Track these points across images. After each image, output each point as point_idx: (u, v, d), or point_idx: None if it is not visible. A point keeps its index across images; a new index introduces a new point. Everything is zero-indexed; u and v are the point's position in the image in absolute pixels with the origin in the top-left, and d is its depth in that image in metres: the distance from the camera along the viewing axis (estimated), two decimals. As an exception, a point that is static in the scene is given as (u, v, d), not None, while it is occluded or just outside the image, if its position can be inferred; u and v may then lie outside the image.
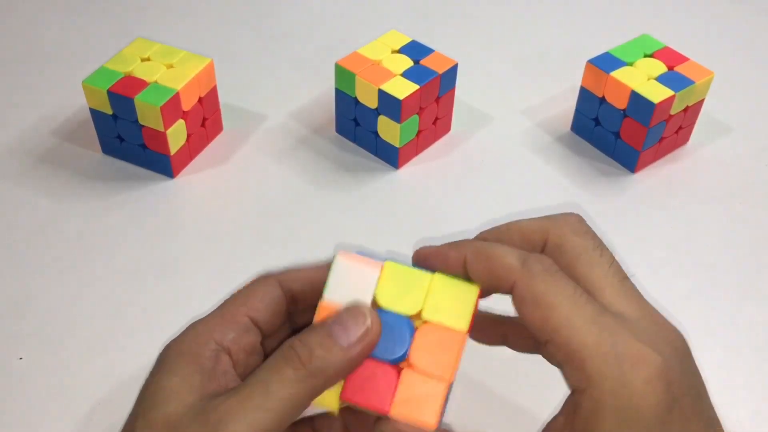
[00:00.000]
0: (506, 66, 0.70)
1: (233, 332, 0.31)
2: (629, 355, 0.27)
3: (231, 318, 0.31)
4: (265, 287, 0.33)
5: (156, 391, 0.29)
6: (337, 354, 0.29)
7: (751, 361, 0.48)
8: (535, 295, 0.29)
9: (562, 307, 0.28)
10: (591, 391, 0.27)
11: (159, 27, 0.73)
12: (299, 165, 0.59)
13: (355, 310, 0.30)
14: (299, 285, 0.33)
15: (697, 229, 0.55)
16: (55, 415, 0.43)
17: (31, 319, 0.48)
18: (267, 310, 0.32)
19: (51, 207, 0.55)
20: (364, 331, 0.29)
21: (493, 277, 0.30)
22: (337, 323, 0.29)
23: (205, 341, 0.30)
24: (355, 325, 0.29)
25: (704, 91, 0.58)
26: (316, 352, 0.29)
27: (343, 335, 0.29)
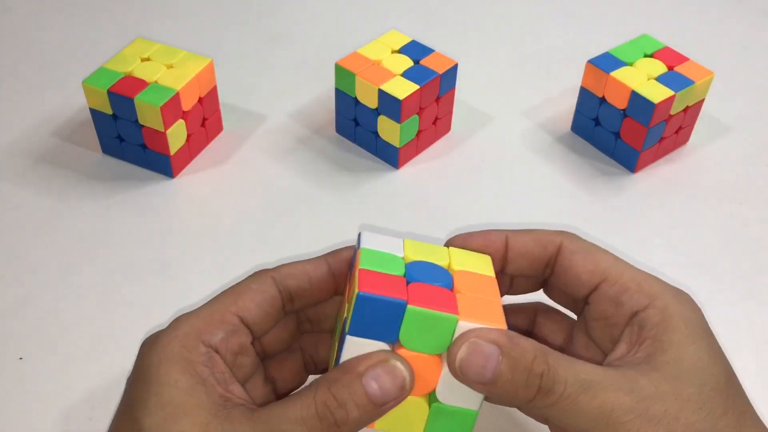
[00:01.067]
0: (506, 66, 0.70)
1: (221, 333, 0.30)
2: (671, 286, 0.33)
3: (219, 317, 0.31)
4: (258, 285, 0.32)
5: (160, 406, 0.28)
6: (371, 413, 0.28)
7: (751, 361, 0.48)
8: (584, 247, 0.33)
9: (609, 256, 0.33)
10: (656, 302, 0.31)
11: (159, 27, 0.73)
12: (299, 165, 0.59)
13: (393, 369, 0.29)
14: (296, 281, 0.33)
15: (696, 229, 0.55)
16: (55, 415, 0.43)
17: (31, 319, 0.48)
18: (259, 310, 0.32)
19: (51, 207, 0.55)
20: (401, 391, 0.29)
21: (538, 243, 0.33)
22: (374, 380, 0.28)
23: (194, 345, 0.30)
24: (393, 386, 0.28)
25: (704, 91, 0.58)
26: (352, 414, 0.28)
27: (379, 395, 0.28)
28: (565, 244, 0.33)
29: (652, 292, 0.31)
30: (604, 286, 0.32)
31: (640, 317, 0.31)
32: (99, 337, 0.47)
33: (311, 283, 0.33)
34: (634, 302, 0.31)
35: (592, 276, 0.32)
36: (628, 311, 0.31)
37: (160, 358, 0.29)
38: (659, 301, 0.31)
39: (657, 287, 0.32)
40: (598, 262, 0.32)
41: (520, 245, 0.33)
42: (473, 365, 0.28)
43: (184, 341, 0.30)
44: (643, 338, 0.30)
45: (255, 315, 0.31)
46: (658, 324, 0.30)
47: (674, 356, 0.29)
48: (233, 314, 0.31)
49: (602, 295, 0.32)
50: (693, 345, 0.30)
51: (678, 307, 0.31)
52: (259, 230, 0.54)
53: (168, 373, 0.29)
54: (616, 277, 0.32)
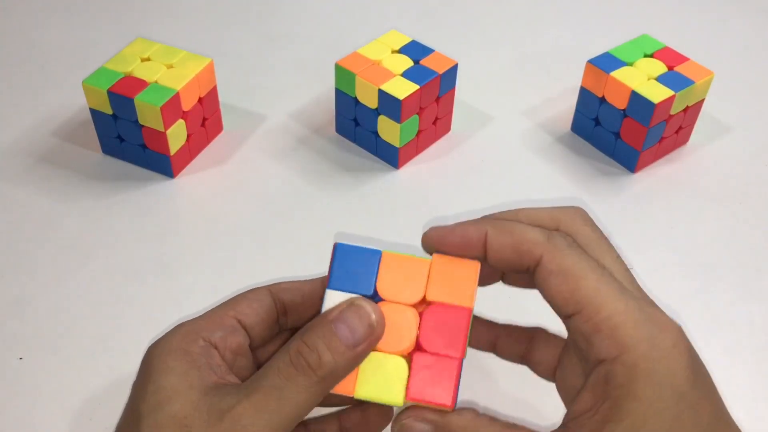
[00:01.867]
0: (506, 66, 0.70)
1: (220, 331, 0.31)
2: (656, 321, 0.28)
3: (218, 319, 0.32)
4: (254, 295, 0.33)
5: (155, 391, 0.29)
6: (344, 355, 0.29)
7: (751, 361, 0.48)
8: (562, 267, 0.29)
9: (590, 278, 0.29)
10: (624, 356, 0.28)
11: (159, 27, 0.73)
12: (299, 165, 0.59)
13: (358, 308, 0.30)
14: (290, 295, 0.33)
15: (696, 229, 0.55)
16: (55, 415, 0.43)
17: (31, 319, 0.48)
18: (255, 315, 0.32)
19: (51, 207, 0.55)
20: (369, 328, 0.29)
21: (517, 251, 0.30)
22: (342, 322, 0.29)
23: (193, 339, 0.31)
24: (360, 324, 0.29)
25: (704, 91, 0.58)
26: (324, 357, 0.29)
27: (349, 336, 0.29)
28: (545, 260, 0.29)
29: (624, 343, 0.28)
30: (578, 318, 0.29)
31: (606, 369, 0.28)
32: (99, 337, 0.47)
33: (303, 298, 0.33)
34: (603, 349, 0.28)
35: (566, 304, 0.29)
36: (596, 356, 0.28)
37: (159, 351, 0.30)
38: (628, 356, 0.27)
39: (631, 334, 0.28)
40: (575, 290, 0.29)
41: (496, 248, 0.30)
42: None
43: (183, 336, 0.31)
44: (606, 395, 0.28)
45: (252, 320, 0.32)
46: (622, 385, 0.27)
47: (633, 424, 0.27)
48: (231, 317, 0.32)
49: (575, 327, 0.29)
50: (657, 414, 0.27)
51: (649, 364, 0.27)
52: (259, 230, 0.54)
53: (165, 361, 0.30)
54: (591, 313, 0.28)
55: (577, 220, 0.31)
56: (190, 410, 0.28)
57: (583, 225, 0.31)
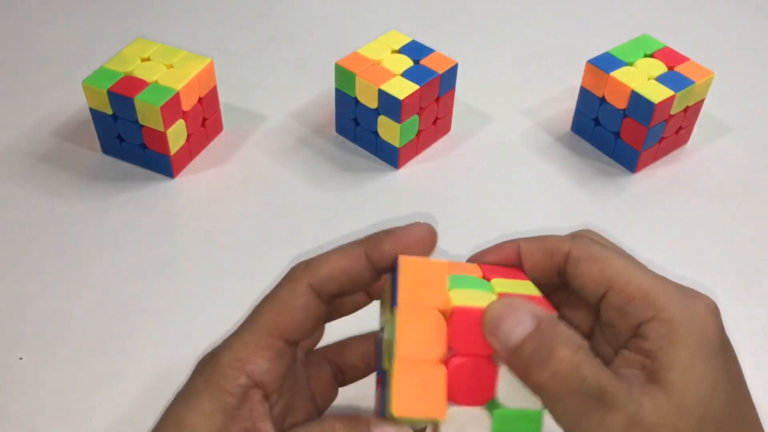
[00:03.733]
0: (506, 66, 0.70)
1: (267, 362, 0.30)
2: (686, 291, 0.31)
3: (265, 345, 0.30)
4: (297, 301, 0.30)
5: (176, 423, 0.29)
6: None
7: (751, 361, 0.48)
8: (590, 253, 0.31)
9: (618, 261, 0.31)
10: (661, 314, 0.29)
11: (159, 27, 0.73)
12: (299, 165, 0.59)
13: (397, 425, 0.29)
14: (337, 285, 0.31)
15: (696, 229, 0.55)
16: (55, 415, 0.43)
17: (31, 319, 0.48)
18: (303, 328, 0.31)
19: (51, 207, 0.55)
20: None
21: (548, 252, 0.32)
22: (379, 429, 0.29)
23: (236, 374, 0.29)
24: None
25: (704, 91, 0.58)
26: None
27: None
28: (573, 251, 0.32)
29: (659, 302, 0.29)
30: (611, 294, 0.30)
31: (644, 329, 0.29)
32: (99, 337, 0.47)
33: (353, 282, 0.31)
34: (639, 312, 0.30)
35: (597, 285, 0.31)
36: (633, 322, 0.30)
37: (199, 385, 0.30)
38: (665, 313, 0.29)
39: (665, 296, 0.30)
40: (604, 269, 0.31)
41: (530, 256, 0.32)
42: (503, 326, 0.28)
43: (225, 370, 0.30)
44: (649, 351, 0.29)
45: (300, 334, 0.31)
46: (662, 337, 0.29)
47: (678, 378, 0.28)
48: (277, 338, 0.30)
49: (609, 304, 0.31)
50: (698, 365, 0.29)
51: (686, 320, 0.29)
52: (259, 230, 0.54)
53: (197, 397, 0.29)
54: (622, 286, 0.30)
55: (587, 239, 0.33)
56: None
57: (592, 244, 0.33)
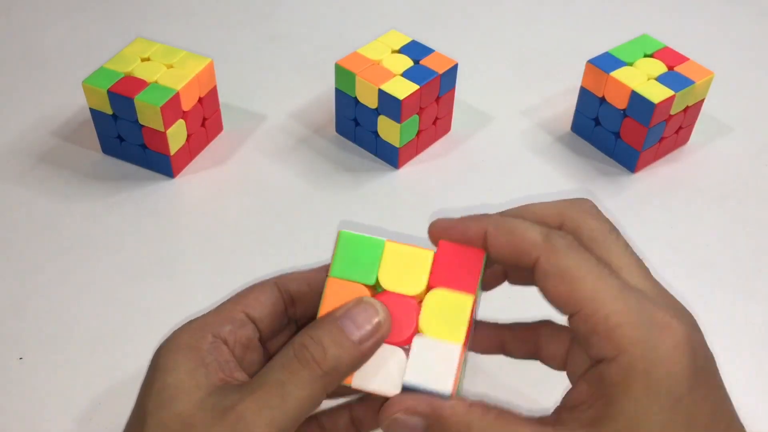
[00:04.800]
0: (506, 66, 0.70)
1: (229, 325, 0.31)
2: (657, 322, 0.28)
3: (227, 314, 0.32)
4: (261, 287, 0.33)
5: (162, 389, 0.29)
6: (350, 350, 0.29)
7: (751, 361, 0.48)
8: (560, 269, 0.28)
9: (588, 279, 0.28)
10: (621, 358, 0.27)
11: (159, 27, 0.73)
12: (299, 165, 0.59)
13: (365, 303, 0.30)
14: (296, 285, 0.33)
15: (696, 229, 0.55)
16: (55, 415, 0.43)
17: (31, 319, 0.48)
18: (263, 307, 0.32)
19: (51, 207, 0.55)
20: (376, 325, 0.29)
21: (515, 251, 0.30)
22: (348, 318, 0.29)
23: (202, 335, 0.31)
24: (366, 320, 0.29)
25: (704, 91, 0.58)
26: (329, 351, 0.29)
27: (354, 331, 0.29)
28: (542, 261, 0.29)
29: (621, 343, 0.27)
30: (577, 319, 0.28)
31: (602, 368, 0.28)
32: (99, 337, 0.47)
33: (310, 287, 0.33)
34: (600, 349, 0.28)
35: (564, 305, 0.29)
36: (594, 354, 0.28)
37: (167, 349, 0.30)
38: (625, 357, 0.27)
39: (629, 335, 0.27)
40: (573, 291, 0.28)
41: (496, 246, 0.30)
42: None
43: (191, 332, 0.31)
44: (601, 392, 0.28)
45: (260, 312, 0.32)
46: (617, 384, 0.27)
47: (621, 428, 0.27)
48: (240, 311, 0.32)
49: (575, 326, 0.29)
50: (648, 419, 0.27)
51: (646, 365, 0.27)
52: (259, 230, 0.54)
53: (173, 359, 0.30)
54: (589, 314, 0.28)
55: (583, 214, 0.31)
56: (195, 409, 0.28)
57: (589, 218, 0.31)
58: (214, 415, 0.28)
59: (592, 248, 0.30)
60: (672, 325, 0.28)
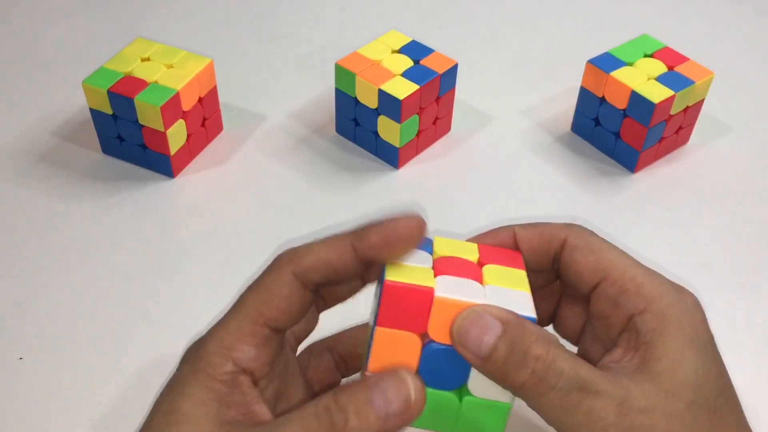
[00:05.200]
0: (506, 66, 0.70)
1: (253, 349, 0.30)
2: (675, 286, 0.32)
3: (250, 332, 0.30)
4: (279, 287, 0.30)
5: (171, 411, 0.28)
6: (373, 425, 0.27)
7: (751, 361, 0.48)
8: (587, 243, 0.32)
9: (613, 252, 0.32)
10: (652, 307, 0.30)
11: (159, 27, 0.73)
12: (299, 165, 0.59)
13: (399, 380, 0.28)
14: (321, 275, 0.30)
15: (696, 229, 0.55)
16: (55, 416, 0.43)
17: (31, 319, 0.48)
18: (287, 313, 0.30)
19: (51, 207, 0.55)
20: (405, 404, 0.27)
21: (544, 238, 0.33)
22: (378, 390, 0.27)
23: (223, 362, 0.29)
24: (397, 398, 0.27)
25: (704, 91, 0.58)
26: (351, 422, 0.27)
27: (382, 407, 0.27)
28: (570, 239, 0.32)
29: (651, 295, 0.30)
30: (604, 285, 0.31)
31: (636, 321, 0.30)
32: (99, 337, 0.47)
33: (337, 273, 0.31)
34: (632, 305, 0.30)
35: (592, 274, 0.31)
36: (625, 313, 0.30)
37: (187, 372, 0.29)
38: (656, 305, 0.30)
39: (657, 289, 0.30)
40: (600, 260, 0.31)
41: (526, 241, 0.33)
42: (471, 335, 0.28)
43: (211, 358, 0.29)
44: (639, 343, 0.30)
45: (284, 321, 0.30)
46: (654, 329, 0.29)
47: (668, 366, 0.29)
48: (262, 326, 0.30)
49: (602, 294, 0.31)
50: (688, 355, 0.29)
51: (676, 312, 0.30)
52: (259, 230, 0.54)
53: (188, 385, 0.29)
54: (617, 277, 0.31)
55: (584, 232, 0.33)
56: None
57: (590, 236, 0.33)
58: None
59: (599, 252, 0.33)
60: (686, 290, 0.32)
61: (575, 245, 0.32)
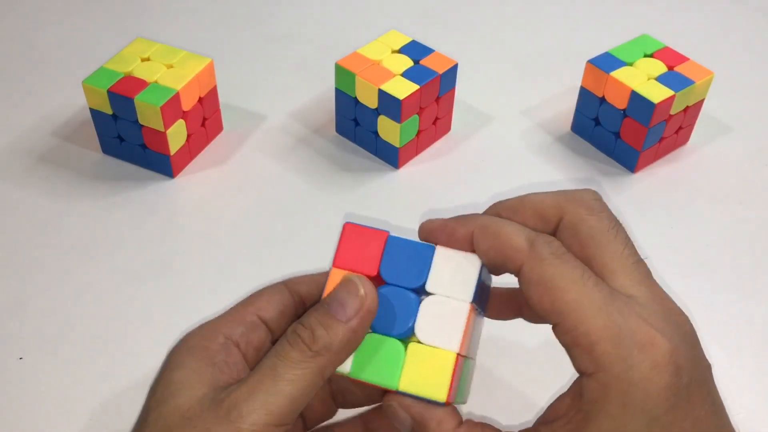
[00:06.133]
0: (506, 66, 0.70)
1: (242, 328, 0.32)
2: (638, 339, 0.27)
3: (239, 317, 0.32)
4: (271, 290, 0.33)
5: (167, 385, 0.29)
6: (337, 330, 0.29)
7: (751, 361, 0.48)
8: (543, 278, 0.28)
9: (571, 291, 0.28)
10: (599, 375, 0.27)
11: (159, 27, 0.73)
12: (299, 165, 0.59)
13: (348, 283, 0.30)
14: (306, 287, 0.34)
15: (696, 229, 0.55)
16: (55, 416, 0.43)
17: (31, 319, 0.48)
18: (274, 309, 0.33)
19: (51, 207, 0.55)
20: (359, 302, 0.29)
21: (500, 256, 0.30)
22: (334, 299, 0.30)
23: (214, 336, 0.31)
24: (350, 298, 0.30)
25: (704, 91, 0.58)
26: (317, 331, 0.29)
27: (340, 310, 0.29)
28: (525, 269, 0.29)
29: (600, 360, 0.27)
30: (559, 330, 0.28)
31: (582, 382, 0.28)
32: (99, 337, 0.47)
33: (320, 289, 0.33)
34: (581, 363, 0.28)
35: (546, 314, 0.28)
36: (575, 367, 0.28)
37: (178, 348, 0.31)
38: (603, 375, 0.27)
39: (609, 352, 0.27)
40: (554, 301, 0.28)
41: (482, 250, 0.30)
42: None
43: (203, 333, 0.31)
44: (579, 408, 0.28)
45: (272, 314, 0.33)
46: (595, 401, 0.27)
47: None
48: (252, 313, 0.32)
49: (558, 336, 0.29)
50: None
51: (623, 387, 0.27)
52: (259, 230, 0.54)
53: (182, 358, 0.30)
54: (570, 327, 0.28)
55: (582, 209, 0.30)
56: (194, 403, 0.28)
57: (588, 214, 0.30)
58: (211, 406, 0.28)
59: (589, 246, 0.30)
60: (655, 342, 0.27)
61: (530, 279, 0.28)
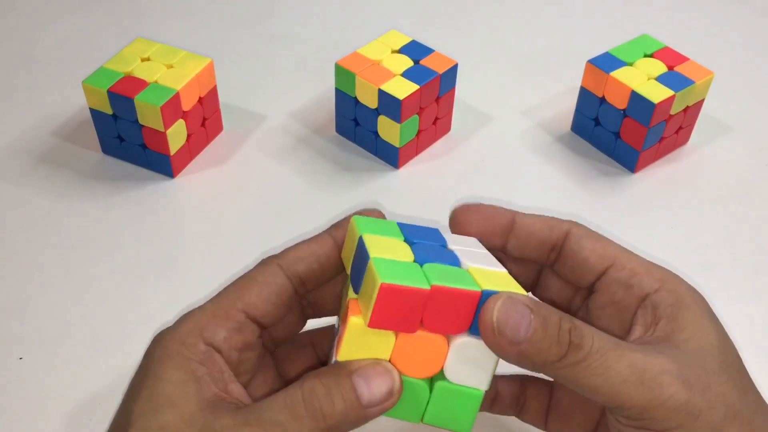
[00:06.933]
0: (506, 66, 0.70)
1: (224, 331, 0.30)
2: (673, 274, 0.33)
3: (224, 314, 0.30)
4: (264, 277, 0.31)
5: (149, 397, 0.28)
6: (356, 411, 0.28)
7: (751, 361, 0.48)
8: (592, 233, 0.33)
9: (616, 245, 0.33)
10: (666, 285, 0.31)
11: (159, 27, 0.73)
12: (299, 165, 0.59)
13: (383, 368, 0.28)
14: (305, 265, 0.32)
15: (696, 229, 0.55)
16: (55, 415, 0.43)
17: (31, 319, 0.48)
18: (266, 302, 0.31)
19: (51, 207, 0.55)
20: (387, 395, 0.28)
21: (546, 225, 0.33)
22: (363, 377, 0.28)
23: (194, 342, 0.29)
24: (380, 387, 0.28)
25: (704, 91, 0.58)
26: (337, 406, 0.28)
27: (366, 393, 0.28)
28: (574, 230, 0.33)
29: (662, 277, 0.32)
30: (613, 270, 0.32)
31: (652, 299, 0.31)
32: (99, 337, 0.47)
33: (320, 263, 0.32)
34: (645, 285, 0.32)
35: (601, 260, 0.32)
36: (639, 294, 0.32)
37: (159, 355, 0.29)
38: (670, 284, 0.31)
39: (665, 273, 0.32)
40: (607, 246, 0.33)
41: (527, 225, 0.33)
42: (510, 322, 0.27)
43: (184, 338, 0.30)
44: (658, 318, 0.31)
45: (262, 309, 0.31)
46: (672, 304, 0.31)
47: (691, 335, 0.30)
48: (239, 310, 0.31)
49: (611, 280, 0.32)
50: (707, 324, 0.30)
51: (687, 290, 0.31)
52: (259, 230, 0.54)
53: (164, 368, 0.29)
54: (625, 262, 0.32)
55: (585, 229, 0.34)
56: (183, 424, 0.27)
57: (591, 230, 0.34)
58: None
59: None
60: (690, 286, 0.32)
61: (581, 234, 0.33)
